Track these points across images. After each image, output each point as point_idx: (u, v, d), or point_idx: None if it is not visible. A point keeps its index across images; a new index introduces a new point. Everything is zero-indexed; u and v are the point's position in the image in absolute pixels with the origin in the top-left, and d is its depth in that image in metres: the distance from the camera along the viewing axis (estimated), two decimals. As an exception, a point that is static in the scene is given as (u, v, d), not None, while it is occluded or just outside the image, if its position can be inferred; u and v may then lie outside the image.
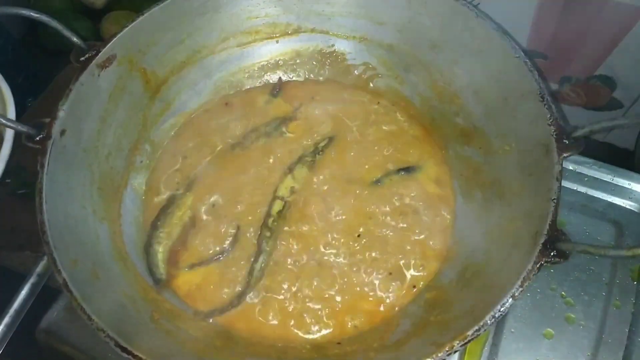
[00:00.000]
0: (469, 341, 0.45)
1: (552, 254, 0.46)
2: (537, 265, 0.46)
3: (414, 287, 0.58)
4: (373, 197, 0.63)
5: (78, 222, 0.54)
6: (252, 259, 0.59)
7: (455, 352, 0.45)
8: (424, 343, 0.49)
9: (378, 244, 0.61)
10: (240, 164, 0.66)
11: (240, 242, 0.61)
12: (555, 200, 0.48)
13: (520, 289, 0.45)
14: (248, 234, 0.61)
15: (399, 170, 0.65)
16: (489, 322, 0.45)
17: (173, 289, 0.58)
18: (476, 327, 0.45)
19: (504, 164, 0.58)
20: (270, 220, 0.61)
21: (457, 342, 0.45)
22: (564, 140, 0.51)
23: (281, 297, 0.58)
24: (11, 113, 0.65)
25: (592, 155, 0.69)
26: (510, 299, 0.45)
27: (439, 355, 0.44)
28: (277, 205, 0.62)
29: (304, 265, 0.59)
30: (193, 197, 0.64)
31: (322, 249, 0.60)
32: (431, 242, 0.60)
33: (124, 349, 0.44)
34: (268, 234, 0.60)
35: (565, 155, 0.50)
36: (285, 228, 0.61)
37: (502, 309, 0.45)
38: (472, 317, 0.47)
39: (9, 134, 0.62)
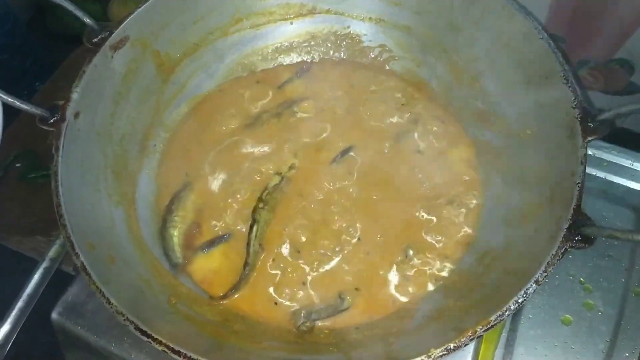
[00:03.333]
0: (492, 327, 0.44)
1: (576, 238, 0.45)
2: (562, 250, 0.45)
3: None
4: (386, 176, 0.63)
5: (93, 205, 0.53)
6: (248, 231, 0.59)
7: (479, 337, 0.44)
8: (445, 328, 0.48)
9: (392, 226, 0.60)
10: (250, 144, 0.65)
11: (244, 221, 0.60)
12: (579, 185, 0.47)
13: (545, 274, 0.45)
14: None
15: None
16: (512, 307, 0.44)
17: (189, 273, 0.58)
18: (499, 313, 0.44)
19: (525, 148, 0.57)
20: (265, 194, 0.61)
21: (480, 327, 0.44)
22: (589, 124, 0.50)
23: (288, 276, 0.57)
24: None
25: (610, 140, 0.68)
26: (534, 285, 0.45)
27: (462, 340, 0.44)
28: (274, 180, 0.62)
29: (305, 243, 0.59)
30: (205, 180, 0.63)
31: (325, 229, 0.60)
32: (457, 229, 0.60)
33: (143, 333, 0.43)
34: (261, 205, 0.60)
35: (590, 138, 0.49)
36: (284, 202, 0.61)
37: (525, 294, 0.44)
38: (492, 302, 0.46)
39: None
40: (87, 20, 0.57)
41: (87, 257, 0.46)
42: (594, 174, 0.67)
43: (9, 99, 0.51)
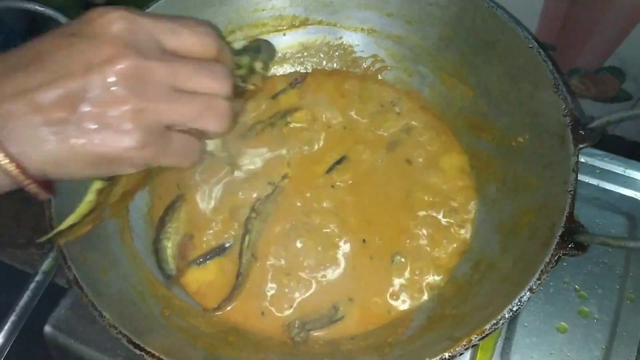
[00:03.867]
0: (487, 335, 0.44)
1: (570, 246, 0.46)
2: (555, 258, 0.45)
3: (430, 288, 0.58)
4: (380, 185, 0.63)
5: (86, 217, 0.53)
6: (240, 241, 0.59)
7: (474, 346, 0.44)
8: (440, 337, 0.48)
9: (386, 235, 0.60)
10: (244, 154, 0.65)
11: (238, 232, 0.60)
12: (572, 192, 0.48)
13: (538, 282, 0.45)
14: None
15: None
16: (506, 315, 0.45)
17: (183, 285, 0.57)
18: (494, 321, 0.44)
19: (517, 156, 0.57)
20: (257, 203, 0.61)
21: (475, 336, 0.44)
22: (580, 131, 0.50)
23: (281, 286, 0.57)
24: None
25: (601, 147, 0.69)
26: (529, 292, 0.45)
27: (457, 349, 0.44)
28: (267, 190, 0.62)
29: (297, 252, 0.59)
30: (198, 191, 0.63)
31: (318, 238, 0.60)
32: (451, 237, 0.60)
33: (136, 346, 0.43)
34: (254, 215, 0.60)
35: (581, 146, 0.50)
36: (277, 212, 0.61)
37: (519, 303, 0.45)
38: (487, 311, 0.47)
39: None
40: (80, 33, 0.57)
41: (80, 270, 0.46)
42: (587, 181, 0.67)
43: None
